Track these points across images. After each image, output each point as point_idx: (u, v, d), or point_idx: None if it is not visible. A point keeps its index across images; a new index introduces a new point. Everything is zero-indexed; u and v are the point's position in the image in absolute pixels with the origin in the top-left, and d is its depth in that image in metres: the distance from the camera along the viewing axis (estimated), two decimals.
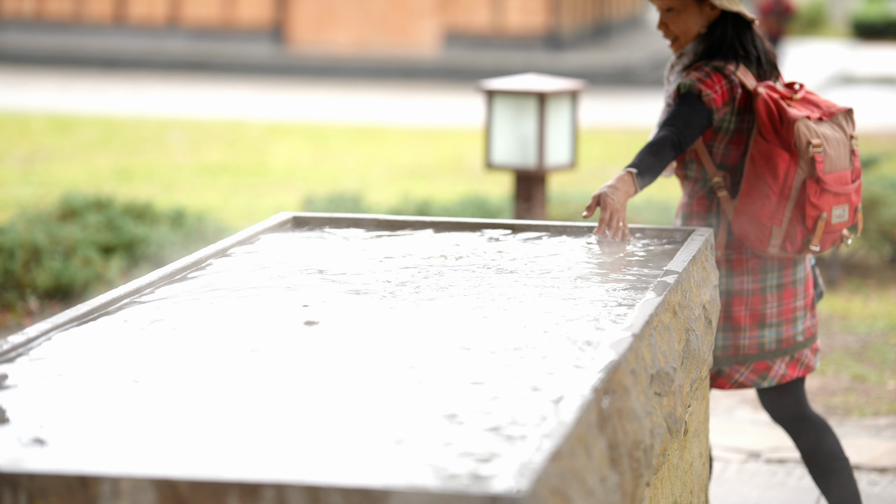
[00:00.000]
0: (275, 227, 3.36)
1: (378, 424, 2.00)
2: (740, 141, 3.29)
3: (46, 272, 5.93)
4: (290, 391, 2.15)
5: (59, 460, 1.84)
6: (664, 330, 2.59)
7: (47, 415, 2.03)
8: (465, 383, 2.20)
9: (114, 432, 1.96)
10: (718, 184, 3.29)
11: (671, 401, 2.51)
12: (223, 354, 2.35)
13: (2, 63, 16.69)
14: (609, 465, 2.08)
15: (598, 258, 3.09)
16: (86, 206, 6.78)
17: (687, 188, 3.37)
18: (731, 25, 3.29)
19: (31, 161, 10.90)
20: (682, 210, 3.39)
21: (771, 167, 3.21)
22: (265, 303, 2.69)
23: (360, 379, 2.22)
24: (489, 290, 2.80)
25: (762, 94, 3.23)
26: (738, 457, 4.45)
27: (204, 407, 2.07)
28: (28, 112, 13.62)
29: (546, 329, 2.51)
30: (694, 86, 3.24)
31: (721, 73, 3.25)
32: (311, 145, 12.18)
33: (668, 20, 3.31)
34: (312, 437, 1.95)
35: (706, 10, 3.29)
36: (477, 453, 1.89)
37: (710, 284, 3.07)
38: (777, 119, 3.21)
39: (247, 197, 9.51)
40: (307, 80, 17.50)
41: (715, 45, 3.29)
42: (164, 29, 19.43)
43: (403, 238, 3.30)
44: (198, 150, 11.72)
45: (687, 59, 3.33)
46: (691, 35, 3.31)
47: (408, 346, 2.41)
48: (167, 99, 15.32)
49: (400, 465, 1.85)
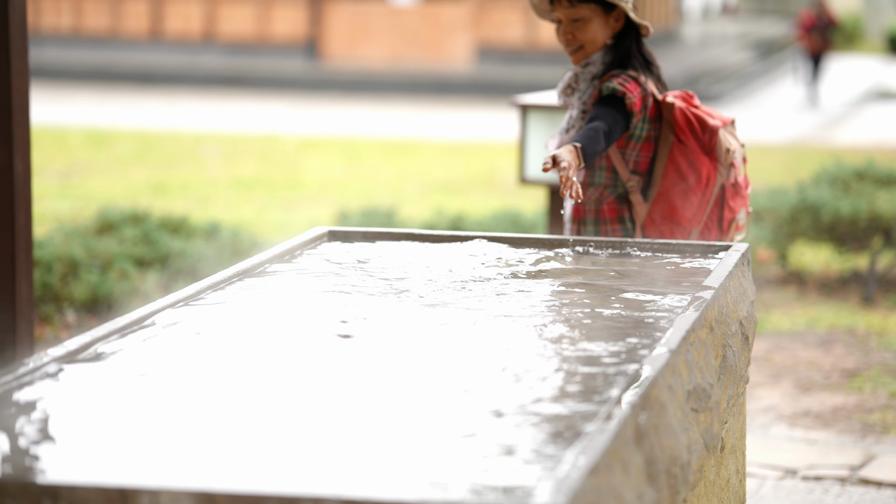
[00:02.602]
0: (311, 241, 3.38)
1: (414, 439, 2.00)
2: (649, 148, 3.43)
3: (84, 285, 5.98)
4: (327, 404, 2.16)
5: (99, 473, 1.86)
6: (701, 346, 2.59)
7: (87, 427, 2.04)
8: (500, 397, 2.20)
9: (153, 444, 1.97)
10: (633, 188, 3.42)
11: (708, 417, 2.50)
12: (261, 367, 2.37)
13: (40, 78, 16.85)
14: (646, 481, 2.08)
15: (633, 273, 3.08)
16: (122, 219, 6.83)
17: (593, 195, 3.45)
18: (634, 37, 3.44)
19: (69, 175, 10.99)
20: (589, 216, 3.46)
21: (695, 171, 3.37)
22: (302, 316, 2.70)
23: (396, 392, 2.23)
24: (522, 303, 2.80)
25: (677, 104, 3.40)
26: (775, 474, 4.42)
27: (242, 419, 2.08)
28: (65, 126, 13.74)
29: (580, 343, 2.51)
30: (617, 90, 3.35)
31: (637, 81, 3.40)
32: (344, 159, 12.23)
33: (575, 29, 3.42)
34: (349, 450, 1.95)
35: (611, 21, 3.42)
36: (514, 468, 1.89)
37: (747, 300, 3.06)
38: (697, 127, 3.38)
39: (281, 211, 9.55)
40: (341, 94, 17.57)
41: (624, 56, 3.43)
42: (200, 44, 19.57)
43: (438, 252, 3.31)
44: (232, 165, 11.79)
45: (595, 69, 3.45)
46: (598, 45, 3.44)
47: (445, 360, 2.41)
48: (202, 113, 15.41)
49: (436, 479, 1.85)
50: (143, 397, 2.19)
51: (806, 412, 5.05)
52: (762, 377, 5.49)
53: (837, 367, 5.64)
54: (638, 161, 3.41)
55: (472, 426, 2.06)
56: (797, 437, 4.74)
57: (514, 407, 2.15)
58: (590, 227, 3.47)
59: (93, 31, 19.68)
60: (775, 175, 11.16)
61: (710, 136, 3.37)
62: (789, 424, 4.89)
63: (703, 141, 3.37)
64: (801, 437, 4.72)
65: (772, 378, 5.50)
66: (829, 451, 4.61)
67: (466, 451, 1.95)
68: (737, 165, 3.40)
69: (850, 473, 4.41)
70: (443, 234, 3.41)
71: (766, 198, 7.45)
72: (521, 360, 2.41)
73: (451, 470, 1.88)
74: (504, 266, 3.15)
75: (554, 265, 3.17)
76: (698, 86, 18.31)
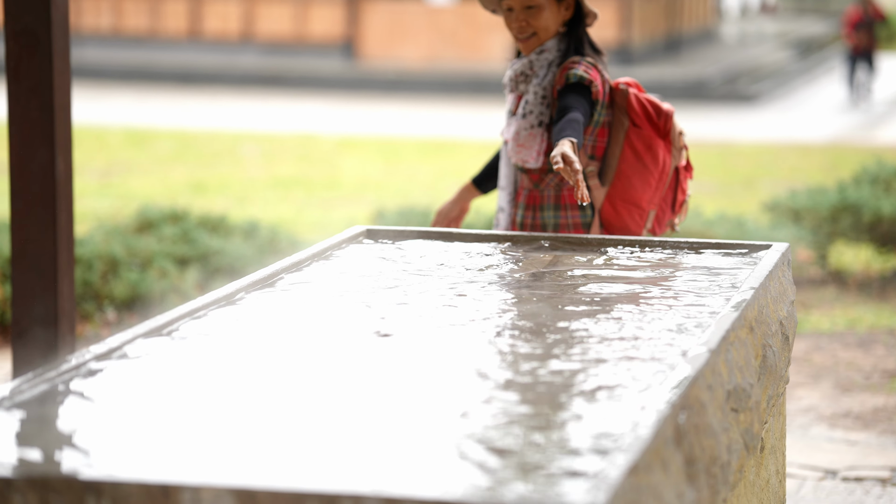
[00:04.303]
0: (349, 239, 3.39)
1: (453, 436, 2.00)
2: (604, 133, 3.49)
3: (123, 283, 6.02)
4: (367, 402, 2.17)
5: (141, 469, 1.87)
6: (741, 345, 2.57)
7: (128, 424, 2.06)
8: (540, 397, 2.20)
9: (194, 441, 1.99)
10: (591, 173, 3.48)
11: (748, 417, 2.49)
12: (301, 365, 2.38)
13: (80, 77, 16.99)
14: (686, 480, 2.07)
15: (673, 272, 3.07)
16: (162, 218, 6.87)
17: (552, 181, 3.47)
18: (583, 25, 3.51)
19: (109, 174, 11.07)
20: (548, 202, 3.48)
21: (652, 154, 3.45)
22: (340, 314, 2.71)
23: (434, 390, 2.23)
24: (562, 302, 2.80)
25: (631, 90, 3.46)
26: (815, 474, 4.40)
27: (281, 416, 2.09)
28: (105, 126, 13.85)
29: (619, 344, 2.51)
30: (584, 77, 3.41)
31: (596, 68, 3.47)
32: (381, 159, 12.25)
33: (529, 17, 3.47)
34: (389, 448, 1.96)
35: (562, 9, 3.49)
36: (553, 467, 1.89)
37: (787, 300, 3.04)
38: (652, 112, 3.46)
39: (318, 210, 9.58)
40: (378, 94, 17.60)
41: (578, 43, 3.50)
42: (238, 44, 19.66)
43: (475, 251, 3.31)
44: (271, 164, 11.84)
45: (551, 55, 3.50)
46: (551, 32, 3.49)
47: (483, 359, 2.41)
48: (241, 113, 15.49)
49: (476, 477, 1.85)
50: (184, 394, 2.21)
51: (846, 413, 5.01)
52: (802, 377, 5.46)
53: (878, 368, 5.59)
54: (595, 146, 3.48)
55: (512, 425, 2.06)
56: (837, 437, 4.71)
57: (553, 405, 2.15)
58: (549, 214, 3.50)
59: (132, 31, 19.81)
60: (815, 174, 11.08)
61: (666, 121, 3.47)
62: (829, 425, 4.85)
63: (658, 125, 3.47)
64: (841, 437, 4.69)
65: (812, 378, 5.46)
66: (870, 451, 4.57)
67: (507, 449, 1.95)
68: (687, 148, 3.55)
69: (890, 474, 4.37)
70: (480, 234, 3.41)
71: (806, 197, 7.39)
72: (562, 358, 2.41)
73: (493, 468, 1.88)
74: (541, 265, 3.14)
75: (594, 264, 3.16)
76: (737, 85, 18.22)
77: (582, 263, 3.17)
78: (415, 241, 3.41)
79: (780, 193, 8.12)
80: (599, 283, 2.98)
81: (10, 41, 3.33)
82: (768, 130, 14.84)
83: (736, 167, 12.00)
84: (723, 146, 13.36)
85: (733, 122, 15.64)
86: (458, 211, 3.72)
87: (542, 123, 3.46)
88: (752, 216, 8.07)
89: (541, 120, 3.46)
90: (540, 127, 3.45)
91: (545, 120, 3.46)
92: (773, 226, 7.28)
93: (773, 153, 12.98)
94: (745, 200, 9.94)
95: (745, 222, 7.18)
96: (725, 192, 10.53)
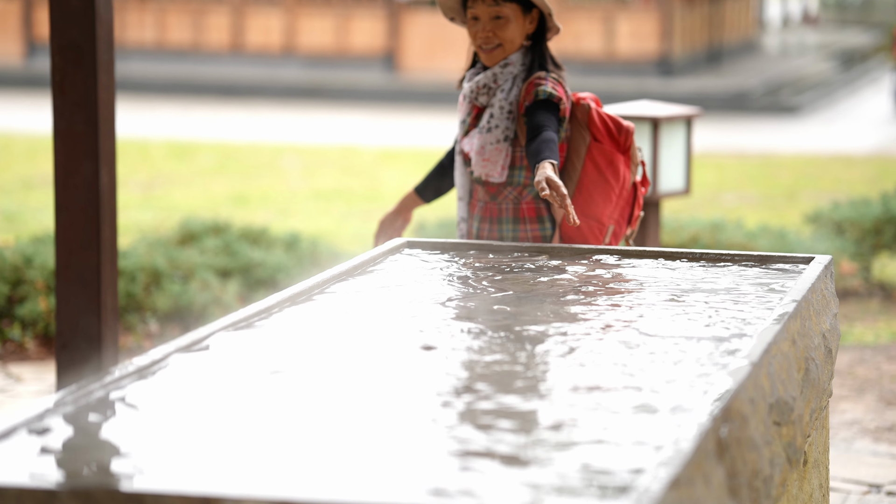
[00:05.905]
0: (389, 251, 3.40)
1: (491, 449, 2.00)
2: (563, 148, 3.50)
3: (166, 295, 6.07)
4: (411, 414, 2.17)
5: (183, 480, 1.88)
6: (783, 359, 2.56)
7: (170, 436, 2.07)
8: (580, 408, 2.19)
9: (235, 453, 2.00)
10: None
11: (791, 430, 2.47)
12: (344, 378, 2.38)
13: (125, 91, 17.15)
14: (728, 494, 2.06)
15: (713, 285, 3.06)
16: (204, 230, 6.92)
17: (511, 195, 3.46)
18: (545, 39, 3.52)
19: (152, 186, 11.16)
20: (507, 216, 3.48)
21: (613, 170, 3.46)
22: (383, 327, 2.72)
23: (472, 403, 2.23)
24: (604, 314, 2.79)
25: (592, 106, 3.48)
26: (859, 489, 4.35)
27: (323, 428, 2.10)
28: (149, 138, 13.96)
29: (662, 357, 2.50)
30: (553, 95, 3.41)
31: (561, 84, 3.47)
32: (422, 171, 12.26)
33: (496, 27, 3.48)
34: (427, 460, 1.96)
35: (527, 23, 3.49)
36: (593, 480, 1.88)
37: (830, 313, 3.02)
38: (613, 128, 3.47)
39: (359, 222, 9.61)
40: (418, 106, 17.64)
41: (541, 57, 3.50)
42: (280, 57, 19.78)
43: (515, 263, 3.30)
44: (312, 176, 11.89)
45: (515, 69, 3.51)
46: (516, 45, 3.50)
47: (523, 370, 2.41)
48: (282, 125, 15.57)
49: (515, 491, 1.85)
50: (225, 406, 2.22)
51: (891, 426, 4.96)
52: (845, 391, 5.41)
53: None
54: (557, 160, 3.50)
55: (555, 437, 2.06)
56: (882, 451, 4.66)
57: (595, 418, 2.15)
58: (507, 227, 3.49)
59: (176, 44, 19.98)
60: (858, 186, 10.99)
61: (626, 137, 3.48)
62: (874, 439, 4.81)
63: (618, 141, 3.48)
64: (885, 451, 4.64)
65: (855, 392, 5.41)
66: None
67: (544, 463, 1.95)
68: (644, 164, 3.57)
69: None
70: (520, 246, 3.41)
71: (850, 209, 7.34)
72: (603, 372, 2.40)
73: (530, 482, 1.88)
74: (579, 277, 3.14)
75: (634, 275, 3.15)
76: (779, 96, 18.11)
77: (625, 276, 3.16)
78: (455, 254, 3.41)
79: (822, 205, 8.06)
80: (641, 293, 2.97)
81: (56, 56, 3.37)
82: (811, 142, 14.74)
83: (778, 179, 11.92)
84: (765, 158, 13.29)
85: (775, 133, 15.54)
86: (401, 221, 3.72)
87: (508, 139, 3.47)
88: (794, 228, 8.02)
89: (507, 135, 3.47)
90: (506, 142, 3.47)
91: (510, 135, 3.47)
92: (816, 238, 7.23)
93: (816, 165, 12.88)
94: (787, 212, 9.88)
95: (788, 234, 7.13)
96: (767, 204, 10.47)
